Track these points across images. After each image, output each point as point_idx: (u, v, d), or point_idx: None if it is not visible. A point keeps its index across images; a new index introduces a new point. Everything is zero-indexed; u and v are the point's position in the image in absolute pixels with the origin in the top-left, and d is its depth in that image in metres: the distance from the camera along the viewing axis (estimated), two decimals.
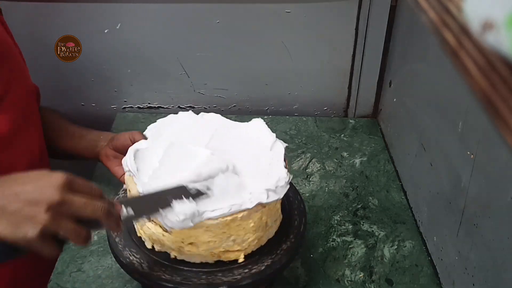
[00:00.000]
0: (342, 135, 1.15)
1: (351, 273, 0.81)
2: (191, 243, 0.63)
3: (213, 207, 0.60)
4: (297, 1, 1.07)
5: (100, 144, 0.86)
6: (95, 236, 0.85)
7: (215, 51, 1.13)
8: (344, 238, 0.87)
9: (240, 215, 0.61)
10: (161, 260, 0.65)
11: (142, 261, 0.65)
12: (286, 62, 1.15)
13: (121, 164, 0.70)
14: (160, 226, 0.63)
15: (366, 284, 0.79)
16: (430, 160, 0.87)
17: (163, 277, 0.63)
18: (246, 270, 0.64)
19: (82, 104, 1.20)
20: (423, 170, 0.89)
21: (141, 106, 1.21)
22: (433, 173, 0.85)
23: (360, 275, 0.80)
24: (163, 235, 0.63)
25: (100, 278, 0.78)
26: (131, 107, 1.21)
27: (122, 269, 0.67)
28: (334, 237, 0.87)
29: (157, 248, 0.66)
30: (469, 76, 0.25)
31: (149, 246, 0.67)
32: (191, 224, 0.58)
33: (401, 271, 0.82)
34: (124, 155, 0.70)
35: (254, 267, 0.65)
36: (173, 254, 0.65)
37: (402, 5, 1.05)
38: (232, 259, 0.65)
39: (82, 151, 0.88)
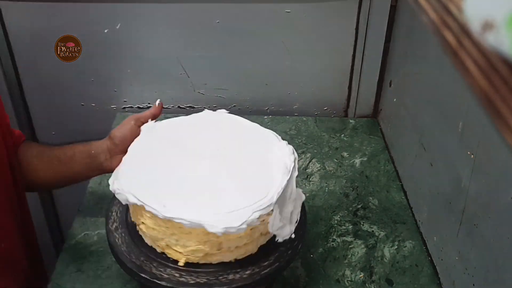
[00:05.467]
0: (342, 135, 1.15)
1: (351, 273, 0.81)
2: (142, 223, 0.65)
3: (160, 203, 0.61)
4: (297, 1, 1.07)
5: (101, 157, 0.74)
6: (95, 236, 0.85)
7: (215, 51, 1.13)
8: (344, 238, 0.87)
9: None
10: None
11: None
12: (286, 62, 1.15)
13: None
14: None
15: (366, 284, 0.79)
16: (430, 160, 0.87)
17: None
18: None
19: (82, 104, 1.20)
20: (423, 170, 0.89)
21: (141, 106, 1.21)
22: (433, 173, 0.85)
23: (360, 275, 0.80)
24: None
25: (100, 278, 0.78)
26: (131, 107, 1.21)
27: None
28: (334, 237, 0.87)
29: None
30: (469, 76, 0.25)
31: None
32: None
33: (401, 271, 0.82)
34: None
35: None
36: (137, 227, 0.68)
37: (402, 5, 1.05)
38: (174, 258, 0.64)
39: (80, 174, 0.78)
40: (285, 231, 0.65)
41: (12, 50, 1.11)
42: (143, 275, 0.63)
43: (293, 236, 0.66)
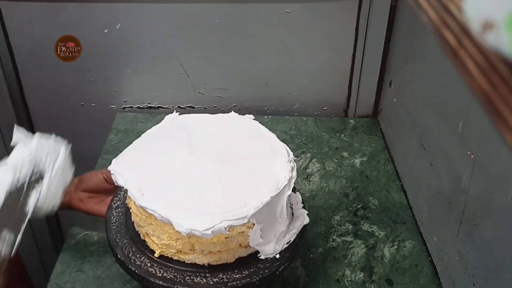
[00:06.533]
0: (342, 135, 1.15)
1: (351, 273, 0.81)
2: (130, 207, 0.67)
3: (138, 191, 0.62)
4: (297, 1, 1.07)
5: (67, 190, 0.77)
6: (95, 236, 0.86)
7: (215, 51, 1.13)
8: (344, 238, 0.87)
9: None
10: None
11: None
12: (286, 62, 1.15)
13: (100, 202, 0.76)
14: None
15: (366, 284, 0.79)
16: (430, 160, 0.87)
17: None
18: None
19: (82, 104, 1.20)
20: (423, 170, 0.89)
21: (141, 106, 1.21)
22: (433, 173, 0.85)
23: (360, 275, 0.80)
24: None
25: (100, 278, 0.78)
26: (131, 107, 1.21)
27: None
28: (334, 237, 0.87)
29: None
30: (469, 76, 0.25)
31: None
32: None
33: (401, 271, 0.82)
34: (100, 194, 0.76)
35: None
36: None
37: (402, 5, 1.05)
38: (150, 247, 0.66)
39: None
40: (268, 248, 0.64)
41: (12, 50, 1.11)
42: (118, 256, 0.65)
43: (277, 256, 0.65)
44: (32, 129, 1.23)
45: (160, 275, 0.63)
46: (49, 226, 1.33)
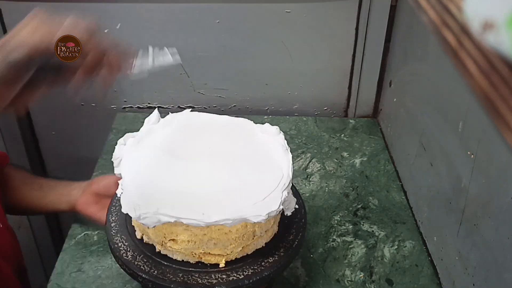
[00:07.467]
0: (342, 135, 1.15)
1: (351, 273, 0.81)
2: (172, 239, 0.63)
3: (197, 212, 0.59)
4: (297, 1, 1.07)
5: (74, 193, 0.80)
6: (95, 236, 0.86)
7: (215, 51, 1.13)
8: (344, 238, 0.87)
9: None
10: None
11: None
12: (286, 62, 1.15)
13: (102, 209, 0.75)
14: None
15: (366, 284, 0.79)
16: (430, 160, 0.87)
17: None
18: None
19: (82, 104, 1.20)
20: (423, 170, 0.89)
21: (141, 106, 1.21)
22: (433, 173, 0.85)
23: (360, 275, 0.80)
24: (148, 227, 0.63)
25: (100, 278, 0.78)
26: (131, 107, 1.21)
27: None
28: (334, 237, 0.87)
29: (145, 239, 0.67)
30: (469, 76, 0.25)
31: (138, 236, 0.68)
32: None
33: (401, 271, 0.82)
34: (106, 197, 0.75)
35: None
36: (157, 247, 0.66)
37: (402, 5, 1.05)
38: (213, 262, 0.64)
39: (52, 203, 0.82)
40: (291, 204, 0.68)
41: None
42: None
43: (296, 206, 0.69)
44: (32, 129, 1.23)
45: (242, 276, 0.63)
46: (49, 226, 1.33)
